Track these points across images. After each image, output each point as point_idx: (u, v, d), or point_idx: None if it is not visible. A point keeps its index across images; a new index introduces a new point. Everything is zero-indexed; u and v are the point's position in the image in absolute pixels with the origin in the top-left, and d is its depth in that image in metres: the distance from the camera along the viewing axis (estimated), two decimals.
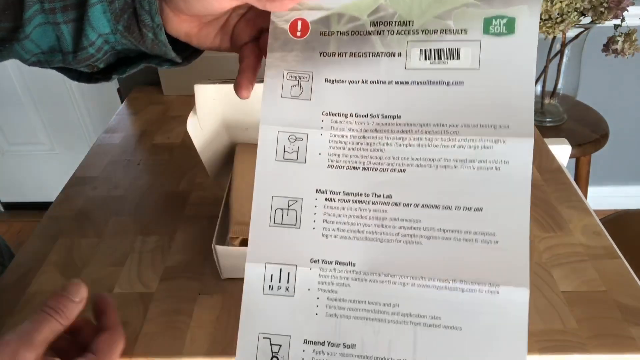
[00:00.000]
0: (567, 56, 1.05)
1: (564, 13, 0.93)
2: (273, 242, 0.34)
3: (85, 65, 0.39)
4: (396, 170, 0.34)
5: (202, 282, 0.54)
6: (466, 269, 0.31)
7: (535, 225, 0.60)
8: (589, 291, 0.51)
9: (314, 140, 0.35)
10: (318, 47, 0.35)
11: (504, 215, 0.32)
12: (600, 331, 0.47)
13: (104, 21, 0.35)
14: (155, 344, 0.48)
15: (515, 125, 0.32)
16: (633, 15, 0.98)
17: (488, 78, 0.33)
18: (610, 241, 0.57)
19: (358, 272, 0.33)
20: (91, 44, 0.36)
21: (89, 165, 0.77)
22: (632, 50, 0.98)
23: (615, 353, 0.45)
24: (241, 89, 0.37)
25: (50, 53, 0.38)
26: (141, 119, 0.91)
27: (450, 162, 0.33)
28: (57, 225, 0.64)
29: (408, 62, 0.34)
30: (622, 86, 1.58)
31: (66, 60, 0.38)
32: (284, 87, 0.35)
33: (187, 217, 0.64)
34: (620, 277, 0.52)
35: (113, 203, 0.68)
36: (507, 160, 0.32)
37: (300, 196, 0.34)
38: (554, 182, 0.67)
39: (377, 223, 0.33)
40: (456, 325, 0.31)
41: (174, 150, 0.80)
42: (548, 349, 0.45)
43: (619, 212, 1.01)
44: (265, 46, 0.36)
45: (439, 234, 0.32)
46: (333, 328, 0.32)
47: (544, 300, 0.50)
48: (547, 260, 0.55)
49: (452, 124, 0.33)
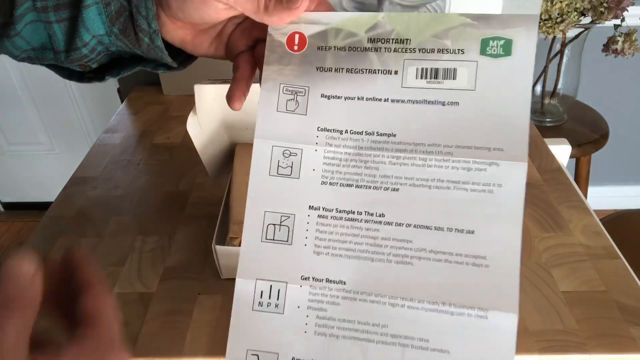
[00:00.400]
0: (567, 56, 1.05)
1: (564, 13, 0.93)
2: (264, 258, 0.33)
3: (77, 64, 0.38)
4: (390, 189, 0.33)
5: (202, 282, 0.54)
6: (456, 292, 0.31)
7: (535, 225, 0.60)
8: (589, 291, 0.51)
9: (309, 155, 0.34)
10: (315, 62, 0.35)
11: (496, 239, 0.31)
12: (600, 331, 0.47)
13: (99, 23, 0.35)
14: (155, 344, 0.48)
15: (510, 148, 0.32)
16: (633, 15, 0.98)
17: (484, 99, 0.33)
18: (610, 241, 0.57)
19: (348, 290, 0.33)
20: (85, 45, 0.36)
21: (89, 165, 0.77)
22: (632, 50, 0.98)
23: (615, 353, 0.45)
24: (234, 100, 0.37)
25: (41, 50, 0.37)
26: (141, 119, 0.91)
27: (444, 183, 0.33)
28: (57, 225, 0.64)
29: (404, 81, 0.34)
30: (622, 86, 1.58)
31: (58, 59, 0.38)
32: (280, 101, 0.35)
33: (187, 217, 0.64)
34: (620, 277, 0.52)
35: (113, 203, 0.68)
36: (500, 184, 0.32)
37: (292, 212, 0.34)
38: (554, 182, 0.67)
39: (369, 242, 0.33)
40: (444, 349, 0.31)
41: (174, 150, 0.80)
42: (548, 349, 0.45)
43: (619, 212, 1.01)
44: (261, 56, 0.36)
45: (430, 255, 0.32)
46: (321, 347, 0.32)
47: (544, 300, 0.50)
48: (547, 260, 0.55)
49: (446, 145, 0.33)
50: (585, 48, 1.06)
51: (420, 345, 0.31)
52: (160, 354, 0.47)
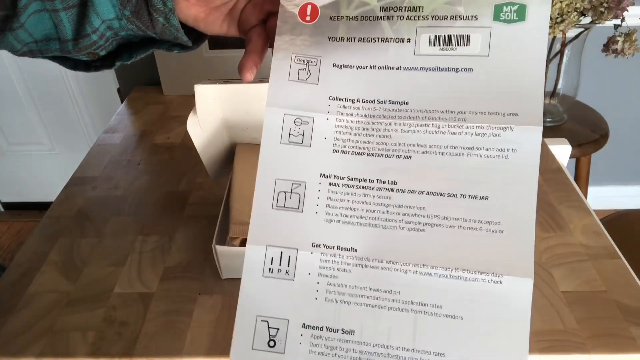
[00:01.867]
0: (567, 56, 1.05)
1: (564, 13, 0.93)
2: (275, 225, 0.33)
3: (85, 53, 0.38)
4: (402, 156, 0.33)
5: (202, 282, 0.54)
6: (470, 258, 0.31)
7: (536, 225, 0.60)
8: (589, 291, 0.51)
9: (320, 124, 0.34)
10: (327, 32, 0.35)
11: (510, 204, 0.31)
12: (600, 331, 0.47)
13: (109, 6, 0.35)
14: (155, 344, 0.48)
15: (524, 113, 0.32)
16: (633, 15, 0.98)
17: (498, 65, 0.33)
18: (610, 241, 0.57)
19: (360, 257, 0.32)
20: (94, 31, 0.36)
21: (89, 165, 0.77)
22: (632, 50, 0.98)
23: (615, 353, 0.45)
24: (245, 70, 0.37)
25: (44, 42, 0.37)
26: (141, 119, 0.91)
27: (457, 150, 0.32)
28: (57, 225, 0.64)
29: (417, 48, 0.34)
30: (622, 86, 1.58)
31: (65, 49, 0.37)
32: (292, 71, 0.35)
33: (187, 217, 0.64)
34: (620, 277, 0.52)
35: (113, 203, 0.68)
36: (514, 149, 0.32)
37: (304, 180, 0.34)
38: (554, 182, 0.67)
39: (381, 209, 0.33)
40: (457, 315, 0.31)
41: (174, 150, 0.80)
42: (548, 349, 0.45)
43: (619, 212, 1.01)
44: (273, 30, 0.36)
45: (443, 222, 0.32)
46: (332, 313, 0.32)
47: (544, 300, 0.50)
48: (547, 260, 0.55)
49: (460, 111, 0.33)
50: (585, 48, 1.06)
51: (433, 312, 0.31)
52: (160, 354, 0.47)
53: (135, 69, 1.03)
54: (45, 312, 0.52)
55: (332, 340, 0.32)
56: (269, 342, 0.32)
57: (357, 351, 0.31)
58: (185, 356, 0.47)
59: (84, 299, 0.53)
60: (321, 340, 0.32)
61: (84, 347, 0.48)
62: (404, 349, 0.31)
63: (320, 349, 0.32)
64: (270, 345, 0.32)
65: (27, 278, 0.56)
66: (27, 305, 0.53)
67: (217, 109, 0.55)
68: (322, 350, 0.32)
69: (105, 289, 0.54)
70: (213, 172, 0.63)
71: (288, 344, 0.32)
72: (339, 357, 0.31)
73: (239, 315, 0.32)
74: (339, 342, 0.32)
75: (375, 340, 0.31)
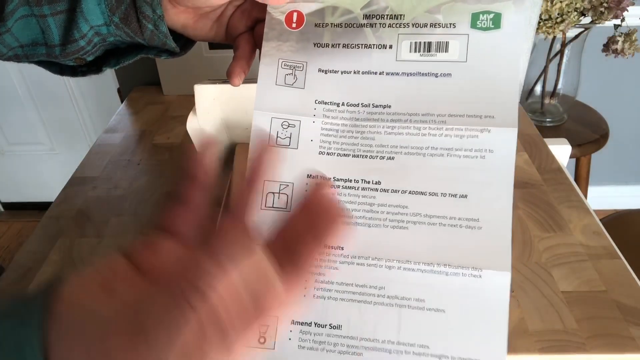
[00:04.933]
0: (567, 56, 1.05)
1: (564, 13, 0.93)
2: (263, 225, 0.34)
3: (72, 58, 0.38)
4: (385, 157, 0.34)
5: None
6: (451, 254, 0.32)
7: (535, 225, 0.60)
8: (589, 291, 0.51)
9: (307, 127, 0.36)
10: (312, 38, 0.37)
11: (488, 202, 0.33)
12: (600, 331, 0.47)
13: (98, 13, 0.35)
14: None
15: (500, 115, 0.33)
16: (633, 15, 0.98)
17: (475, 70, 0.34)
18: (610, 241, 0.57)
19: (346, 255, 0.33)
20: (82, 37, 0.36)
21: (89, 165, 0.77)
22: (632, 50, 0.98)
23: (615, 353, 0.45)
24: (234, 76, 0.38)
25: (31, 47, 0.37)
26: (141, 119, 0.91)
27: (438, 151, 0.34)
28: (57, 225, 0.64)
29: (399, 54, 0.35)
30: (622, 86, 1.58)
31: (51, 54, 0.37)
32: (279, 75, 0.36)
33: None
34: (620, 277, 0.52)
35: (113, 203, 0.68)
36: (491, 149, 0.33)
37: (291, 181, 0.35)
38: (554, 182, 0.67)
39: (366, 208, 0.34)
40: (440, 308, 0.32)
41: (174, 150, 0.80)
42: (548, 349, 0.45)
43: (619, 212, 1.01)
44: (260, 36, 0.37)
45: (425, 220, 0.33)
46: (320, 309, 0.33)
47: (544, 300, 0.50)
48: (547, 260, 0.55)
49: (439, 114, 0.34)
50: (585, 48, 1.06)
51: (417, 306, 0.32)
52: None
53: (135, 69, 1.03)
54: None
55: (321, 335, 0.33)
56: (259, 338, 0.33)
57: (345, 345, 0.32)
58: None
59: None
60: (310, 336, 0.33)
61: None
62: (389, 342, 0.32)
63: (309, 344, 0.33)
64: (260, 342, 0.33)
65: (27, 278, 0.56)
66: None
67: (217, 109, 0.55)
68: (310, 345, 0.33)
69: None
70: None
71: (278, 340, 0.33)
72: (327, 351, 0.32)
73: None
74: (327, 337, 0.33)
75: (362, 334, 0.32)
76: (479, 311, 0.31)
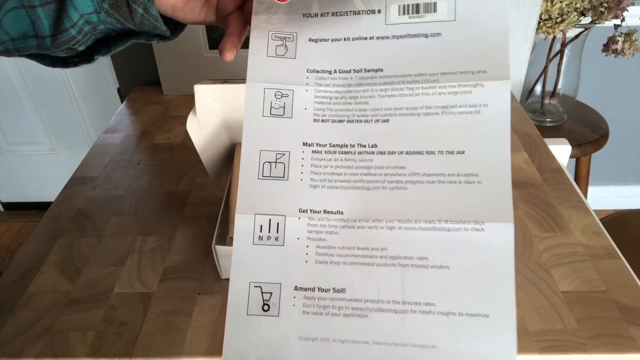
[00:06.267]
0: (567, 56, 1.05)
1: (564, 13, 0.93)
2: (262, 194, 0.34)
3: (64, 48, 0.38)
4: (380, 120, 0.35)
5: (202, 282, 0.54)
6: (451, 210, 0.32)
7: (535, 225, 0.60)
8: (589, 291, 0.51)
9: (300, 96, 0.36)
10: (301, 9, 0.37)
11: (486, 156, 0.33)
12: (600, 331, 0.47)
13: (88, 0, 0.35)
14: (155, 344, 0.48)
15: (492, 69, 0.34)
16: (633, 15, 0.98)
17: (464, 28, 0.35)
18: (610, 241, 0.57)
19: (346, 219, 0.34)
20: (73, 25, 0.36)
21: (89, 165, 0.77)
22: (632, 50, 0.98)
23: (615, 353, 0.45)
24: (225, 51, 0.38)
25: (21, 39, 0.37)
26: (141, 119, 0.91)
27: (432, 109, 0.34)
28: (57, 225, 0.64)
29: (387, 18, 0.36)
30: (622, 86, 1.58)
31: (42, 46, 0.37)
32: (269, 47, 0.37)
33: (187, 217, 0.64)
34: (620, 277, 0.52)
35: (113, 203, 0.68)
36: (486, 104, 0.33)
37: (287, 149, 0.35)
38: (554, 182, 0.67)
39: (363, 172, 0.34)
40: (443, 264, 0.32)
41: (174, 150, 0.80)
42: (548, 349, 0.45)
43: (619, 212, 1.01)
44: (250, 13, 0.37)
45: (424, 178, 0.33)
46: (323, 274, 0.33)
47: (544, 300, 0.50)
48: (547, 260, 0.55)
49: (432, 73, 0.35)
50: (585, 48, 1.06)
51: (420, 264, 0.32)
52: (160, 354, 0.47)
53: (135, 69, 1.03)
54: (45, 312, 0.52)
55: (325, 300, 0.33)
56: (263, 306, 0.33)
57: (349, 308, 0.32)
58: (185, 356, 0.47)
59: (83, 299, 0.53)
60: (313, 301, 0.33)
61: (83, 347, 0.48)
62: (394, 302, 0.32)
63: (314, 309, 0.33)
64: (264, 309, 0.33)
65: (27, 278, 0.56)
66: (27, 305, 0.53)
67: (217, 109, 0.55)
68: (315, 310, 0.33)
69: (105, 289, 0.54)
70: (213, 172, 0.63)
71: (282, 307, 0.33)
72: (332, 315, 0.32)
73: (232, 283, 0.33)
74: (330, 301, 0.33)
75: (366, 296, 0.32)
76: (484, 265, 0.31)
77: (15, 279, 0.56)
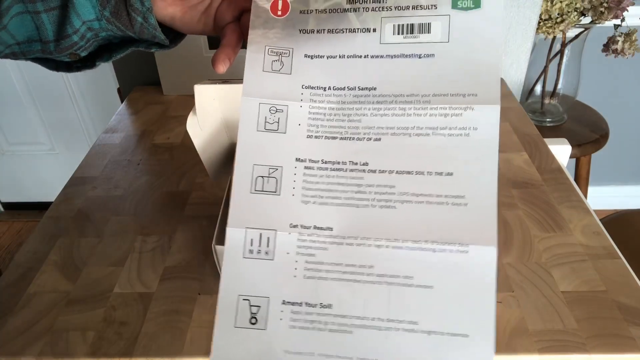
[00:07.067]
0: (567, 56, 1.05)
1: (564, 13, 0.93)
2: (253, 208, 0.35)
3: (67, 53, 0.39)
4: (372, 139, 0.35)
5: (202, 282, 0.54)
6: (438, 231, 0.33)
7: (535, 225, 0.60)
8: (589, 291, 0.51)
9: (294, 111, 0.36)
10: (298, 25, 0.37)
11: (473, 178, 0.33)
12: (600, 331, 0.47)
13: (89, 7, 0.36)
14: (155, 344, 0.48)
15: (483, 93, 0.34)
16: (633, 15, 0.98)
17: (457, 50, 0.35)
18: (610, 241, 0.57)
19: (335, 236, 0.34)
20: (75, 32, 0.37)
21: (89, 165, 0.77)
22: (632, 50, 0.98)
23: (615, 353, 0.45)
24: (218, 63, 0.38)
25: (27, 44, 0.38)
26: (141, 119, 0.91)
27: (423, 130, 0.34)
28: (57, 225, 0.64)
29: (382, 37, 0.36)
30: (622, 86, 1.58)
31: (46, 50, 0.38)
32: (265, 62, 0.37)
33: (187, 217, 0.64)
34: (620, 277, 0.52)
35: (113, 203, 0.68)
36: (475, 127, 0.34)
37: (280, 164, 0.35)
38: (554, 182, 0.67)
39: (354, 189, 0.34)
40: (428, 284, 0.32)
41: (174, 150, 0.80)
42: (548, 349, 0.45)
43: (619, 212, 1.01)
44: (247, 25, 0.38)
45: (412, 198, 0.34)
46: (311, 289, 0.33)
47: (544, 300, 0.50)
48: (547, 260, 0.55)
49: (424, 94, 0.35)
50: (585, 48, 1.06)
51: (405, 282, 0.33)
52: (160, 354, 0.47)
53: (135, 69, 1.03)
54: (45, 312, 0.52)
55: (311, 315, 0.33)
56: (250, 319, 0.33)
57: (336, 323, 0.33)
58: (185, 356, 0.47)
59: (83, 299, 0.53)
60: (301, 315, 0.33)
61: (83, 347, 0.48)
62: (379, 319, 0.32)
63: (300, 323, 0.33)
64: (252, 322, 0.33)
65: (27, 278, 0.56)
66: (27, 305, 0.53)
67: (217, 109, 0.55)
68: (302, 325, 0.33)
69: (105, 289, 0.54)
70: (213, 172, 0.63)
71: (269, 321, 0.33)
72: (318, 330, 0.33)
73: (221, 296, 0.34)
74: (317, 316, 0.33)
75: (352, 312, 0.33)
76: (467, 286, 0.32)
77: (15, 279, 0.56)
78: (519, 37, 0.97)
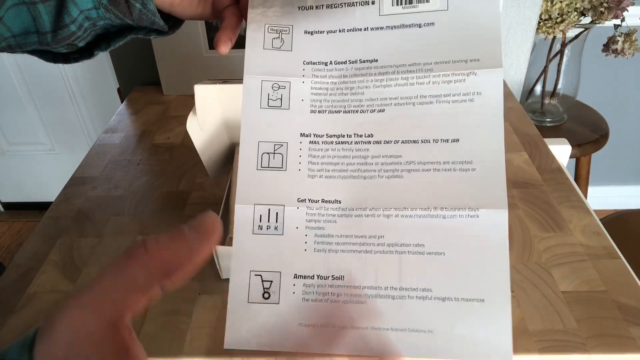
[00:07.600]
0: (567, 56, 1.05)
1: (564, 13, 0.93)
2: (261, 185, 0.35)
3: (64, 44, 0.39)
4: (376, 110, 0.35)
5: (202, 282, 0.54)
6: (446, 197, 0.33)
7: (535, 225, 0.60)
8: (589, 291, 0.51)
9: (297, 87, 0.36)
10: (296, 2, 0.37)
11: (480, 143, 0.33)
12: (600, 331, 0.47)
13: None
14: (155, 344, 0.48)
15: (485, 57, 0.34)
16: (633, 15, 0.98)
17: (456, 17, 0.35)
18: (610, 241, 0.57)
19: (344, 208, 0.34)
20: (73, 21, 0.37)
21: (89, 165, 0.77)
22: (632, 50, 0.98)
23: (615, 353, 0.45)
24: (220, 44, 0.38)
25: (23, 36, 0.37)
26: (141, 119, 0.91)
27: (427, 98, 0.34)
28: (57, 225, 0.64)
29: (381, 9, 0.36)
30: (622, 86, 1.58)
31: (44, 41, 0.38)
32: (266, 40, 0.37)
33: (187, 217, 0.64)
34: (620, 277, 0.52)
35: (113, 203, 0.68)
36: (479, 92, 0.34)
37: (285, 140, 0.36)
38: (554, 182, 0.67)
39: (360, 161, 0.35)
40: (439, 251, 0.32)
41: (174, 150, 0.80)
42: (548, 349, 0.45)
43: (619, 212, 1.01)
44: (245, 7, 0.38)
45: (419, 167, 0.34)
46: (322, 262, 0.33)
47: (544, 300, 0.50)
48: (547, 260, 0.55)
49: (426, 62, 0.35)
50: (585, 48, 1.06)
51: (416, 251, 0.33)
52: (160, 354, 0.47)
53: (135, 69, 1.03)
54: (45, 312, 0.52)
55: (324, 287, 0.33)
56: (263, 294, 0.33)
57: (348, 294, 0.33)
58: (185, 356, 0.47)
59: None
60: (313, 288, 0.33)
61: None
62: (392, 288, 0.32)
63: (313, 296, 0.33)
64: (265, 297, 0.33)
65: (27, 278, 0.56)
66: (27, 305, 0.53)
67: (217, 109, 0.55)
68: (314, 297, 0.33)
69: None
70: (213, 172, 0.63)
71: (282, 295, 0.33)
72: (331, 301, 0.33)
73: (233, 273, 0.34)
74: (330, 288, 0.33)
75: (364, 282, 0.33)
76: (479, 251, 0.32)
77: (15, 279, 0.56)
78: (519, 37, 0.97)
